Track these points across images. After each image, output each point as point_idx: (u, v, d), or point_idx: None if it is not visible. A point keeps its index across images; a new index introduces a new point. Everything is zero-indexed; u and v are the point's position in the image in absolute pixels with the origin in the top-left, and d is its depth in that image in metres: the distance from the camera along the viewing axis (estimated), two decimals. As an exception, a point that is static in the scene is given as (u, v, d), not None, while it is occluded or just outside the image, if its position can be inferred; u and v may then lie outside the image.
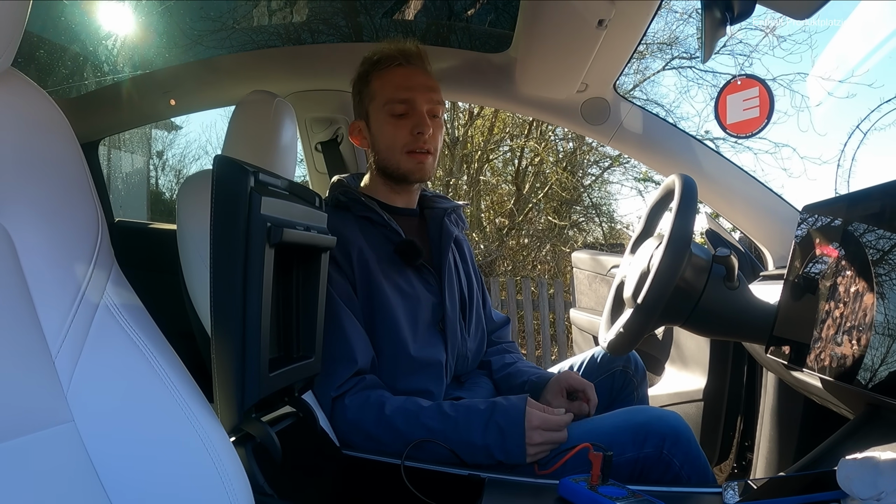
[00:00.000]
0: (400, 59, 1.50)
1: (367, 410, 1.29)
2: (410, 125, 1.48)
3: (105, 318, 0.80)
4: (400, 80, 1.50)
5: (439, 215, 1.62)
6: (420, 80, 1.51)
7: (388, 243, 1.47)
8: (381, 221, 1.47)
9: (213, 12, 2.16)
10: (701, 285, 1.37)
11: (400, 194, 1.57)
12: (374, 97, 1.52)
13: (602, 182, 8.89)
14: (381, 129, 1.51)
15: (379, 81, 1.51)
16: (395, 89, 1.49)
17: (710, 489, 1.05)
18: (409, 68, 1.51)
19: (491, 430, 1.23)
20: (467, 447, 1.23)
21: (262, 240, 0.95)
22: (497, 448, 1.22)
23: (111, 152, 7.95)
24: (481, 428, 1.24)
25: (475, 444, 1.23)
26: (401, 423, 1.26)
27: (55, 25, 2.30)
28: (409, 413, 1.28)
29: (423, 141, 1.48)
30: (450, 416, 1.27)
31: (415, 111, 1.49)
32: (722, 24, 1.18)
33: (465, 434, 1.24)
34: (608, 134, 2.11)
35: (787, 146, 8.95)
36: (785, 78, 8.32)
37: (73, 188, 0.81)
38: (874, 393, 0.96)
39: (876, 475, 0.78)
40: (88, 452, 0.77)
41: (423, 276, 1.50)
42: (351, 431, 1.29)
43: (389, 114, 1.49)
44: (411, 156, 1.49)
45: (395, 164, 1.51)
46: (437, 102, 1.52)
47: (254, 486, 0.88)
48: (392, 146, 1.50)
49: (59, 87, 2.58)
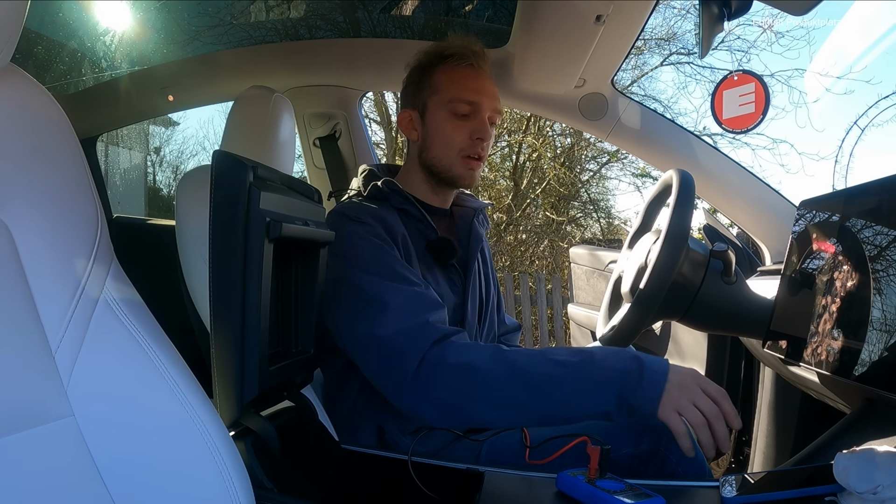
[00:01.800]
0: (472, 59, 1.47)
1: (478, 347, 1.21)
2: (471, 129, 1.45)
3: (105, 312, 0.80)
4: (469, 80, 1.47)
5: (469, 216, 1.60)
6: (487, 85, 1.49)
7: (422, 239, 1.44)
8: (418, 216, 1.44)
9: (211, 8, 2.16)
10: (698, 280, 1.37)
11: (438, 195, 1.54)
12: (438, 91, 1.48)
13: (600, 178, 8.92)
14: (439, 125, 1.47)
15: (445, 76, 1.47)
16: (463, 89, 1.46)
17: (708, 483, 1.05)
18: (479, 71, 1.48)
19: (630, 361, 1.12)
20: (598, 382, 1.10)
21: (261, 234, 0.95)
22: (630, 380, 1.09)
23: (109, 149, 7.94)
24: (618, 357, 1.13)
25: (610, 371, 1.10)
26: (521, 359, 1.16)
27: (53, 22, 2.30)
28: (531, 351, 1.19)
29: (482, 147, 1.46)
30: (582, 349, 1.19)
31: (478, 115, 1.46)
32: (719, 19, 1.18)
33: (599, 365, 1.12)
34: (606, 129, 2.11)
35: (784, 142, 8.99)
36: (783, 74, 8.37)
37: (72, 183, 0.81)
38: (871, 387, 0.96)
39: (873, 469, 0.78)
40: (88, 447, 0.77)
41: (450, 276, 1.48)
42: (451, 379, 1.16)
43: (452, 112, 1.46)
44: (465, 160, 1.46)
45: (446, 166, 1.47)
46: (498, 112, 1.50)
47: (253, 480, 0.88)
48: (448, 146, 1.46)
49: (57, 83, 2.58)
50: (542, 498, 1.00)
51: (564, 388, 1.12)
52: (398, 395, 1.21)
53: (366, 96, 2.61)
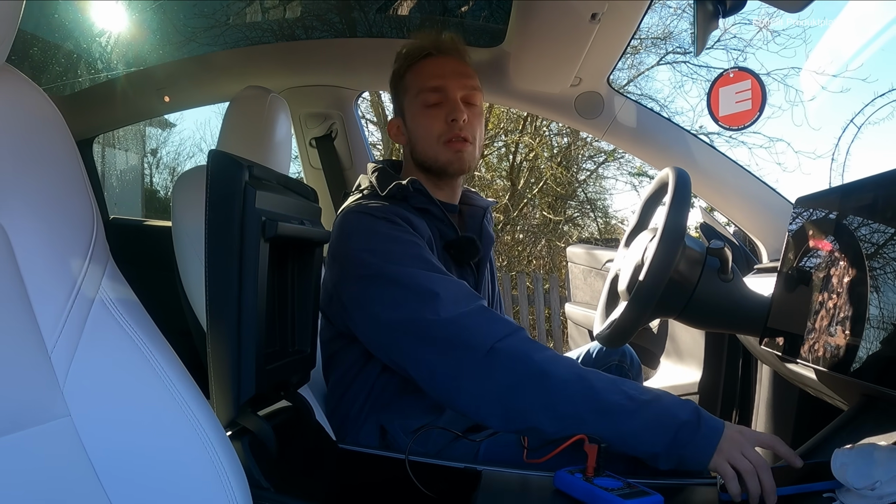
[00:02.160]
0: (430, 49, 1.48)
1: (553, 355, 1.14)
2: (444, 113, 1.44)
3: (101, 312, 0.80)
4: (431, 68, 1.47)
5: (479, 215, 1.58)
6: (451, 66, 1.47)
7: (440, 238, 1.43)
8: (439, 216, 1.43)
9: (207, 9, 2.16)
10: (695, 278, 1.37)
11: (442, 189, 1.52)
12: (408, 90, 1.49)
13: (597, 177, 8.93)
14: (415, 121, 1.48)
15: (411, 74, 1.49)
16: (427, 78, 1.46)
17: (706, 481, 1.06)
18: (441, 57, 1.48)
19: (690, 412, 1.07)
20: (657, 425, 1.07)
21: (257, 234, 0.95)
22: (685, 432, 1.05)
23: (105, 150, 7.92)
24: (681, 407, 1.08)
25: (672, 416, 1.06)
26: (595, 380, 1.11)
27: (48, 23, 2.30)
28: (603, 377, 1.12)
29: (459, 128, 1.44)
30: (649, 388, 1.13)
31: (448, 99, 1.45)
32: (714, 17, 1.19)
33: (662, 405, 1.08)
34: (602, 128, 2.12)
35: (781, 140, 8.98)
36: (779, 72, 8.36)
37: (68, 184, 0.81)
38: (868, 383, 0.96)
39: (871, 465, 0.79)
40: (85, 447, 0.77)
41: (464, 276, 1.47)
42: (519, 371, 1.11)
43: (423, 105, 1.46)
44: (448, 145, 1.45)
45: (432, 157, 1.46)
46: (473, 88, 1.48)
47: (250, 479, 0.88)
48: (427, 137, 1.46)
49: (53, 84, 2.58)
50: (540, 496, 1.00)
51: (628, 422, 1.07)
52: (455, 382, 1.14)
53: (362, 96, 2.61)
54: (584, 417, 1.07)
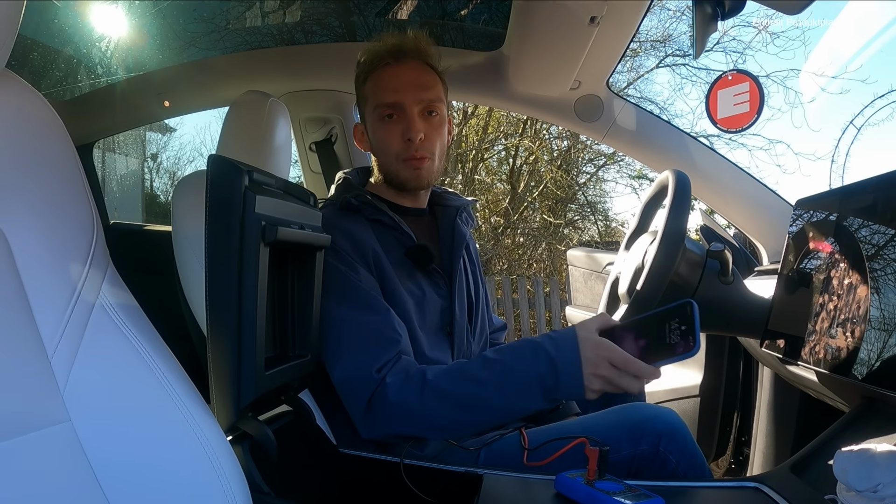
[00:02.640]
0: (388, 58, 1.41)
1: (410, 385, 1.22)
2: (401, 130, 1.40)
3: (101, 317, 0.80)
4: (387, 80, 1.41)
5: (451, 215, 1.55)
6: (408, 77, 1.41)
7: (400, 246, 1.41)
8: (392, 224, 1.41)
9: (207, 13, 2.16)
10: (695, 280, 1.37)
11: (406, 196, 1.50)
12: (367, 101, 1.45)
13: (597, 180, 8.93)
14: (375, 134, 1.45)
15: (370, 84, 1.44)
16: (383, 92, 1.41)
17: (708, 484, 1.05)
18: (399, 66, 1.42)
19: (541, 361, 1.17)
20: (520, 389, 1.17)
21: (257, 238, 0.95)
22: (549, 380, 1.15)
23: (106, 155, 7.93)
24: (531, 359, 1.18)
25: (527, 377, 1.16)
26: (447, 384, 1.20)
27: (48, 28, 2.30)
28: (452, 372, 1.22)
29: (416, 148, 1.40)
30: (494, 360, 1.21)
31: (403, 114, 1.40)
32: (713, 19, 1.19)
33: (516, 371, 1.18)
34: (602, 131, 2.12)
35: (781, 142, 9.02)
36: (778, 74, 8.37)
37: (68, 189, 0.81)
38: (869, 385, 0.96)
39: (872, 467, 0.78)
40: (85, 452, 0.77)
41: (434, 280, 1.45)
42: (395, 414, 1.22)
43: (379, 119, 1.42)
44: (406, 163, 1.42)
45: (393, 172, 1.44)
46: (431, 100, 1.42)
47: (251, 484, 0.88)
48: (386, 152, 1.43)
49: (53, 89, 2.58)
50: (541, 500, 1.00)
51: (493, 400, 1.19)
52: (359, 430, 1.26)
53: (362, 100, 2.60)
54: (458, 419, 1.20)
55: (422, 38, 1.44)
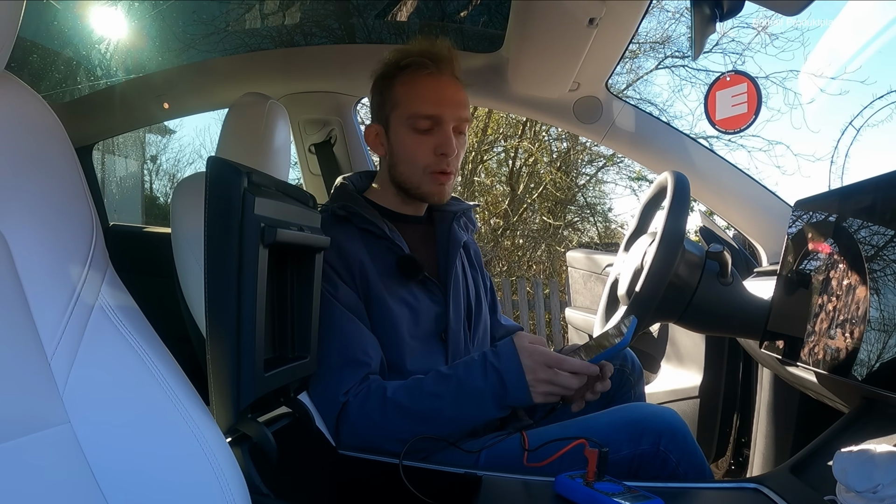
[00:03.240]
0: (430, 65, 1.38)
1: (370, 401, 1.24)
2: (434, 144, 1.38)
3: (100, 319, 0.80)
4: (427, 91, 1.38)
5: (448, 220, 1.53)
6: (450, 92, 1.39)
7: (391, 255, 1.40)
8: (382, 234, 1.39)
9: (206, 15, 2.16)
10: (695, 281, 1.37)
11: (410, 205, 1.49)
12: (397, 106, 1.40)
13: (596, 182, 8.93)
14: (401, 142, 1.41)
15: (404, 89, 1.40)
16: (422, 102, 1.38)
17: (708, 485, 1.05)
18: (440, 78, 1.39)
19: (490, 374, 1.22)
20: (474, 400, 1.22)
21: (256, 240, 0.95)
22: (498, 389, 1.21)
23: (105, 157, 7.93)
24: (481, 374, 1.23)
25: (480, 391, 1.22)
26: (405, 400, 1.23)
27: (48, 30, 2.30)
28: (410, 388, 1.25)
29: (447, 163, 1.40)
30: (449, 375, 1.25)
31: (441, 129, 1.38)
32: (712, 20, 1.19)
33: (468, 387, 1.22)
34: (601, 132, 2.12)
35: (780, 144, 9.05)
36: (777, 75, 8.37)
37: (67, 190, 0.81)
38: (869, 385, 0.96)
39: (872, 468, 0.78)
40: (84, 454, 0.77)
41: (428, 288, 1.44)
42: (358, 430, 1.24)
43: (412, 128, 1.38)
44: (433, 176, 1.40)
45: (414, 183, 1.42)
46: (465, 119, 1.41)
47: (250, 486, 0.87)
48: (413, 163, 1.40)
49: (53, 91, 2.58)
50: (541, 501, 1.00)
51: (449, 411, 1.23)
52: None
53: (361, 102, 2.61)
54: (420, 430, 1.22)
55: (454, 50, 1.42)
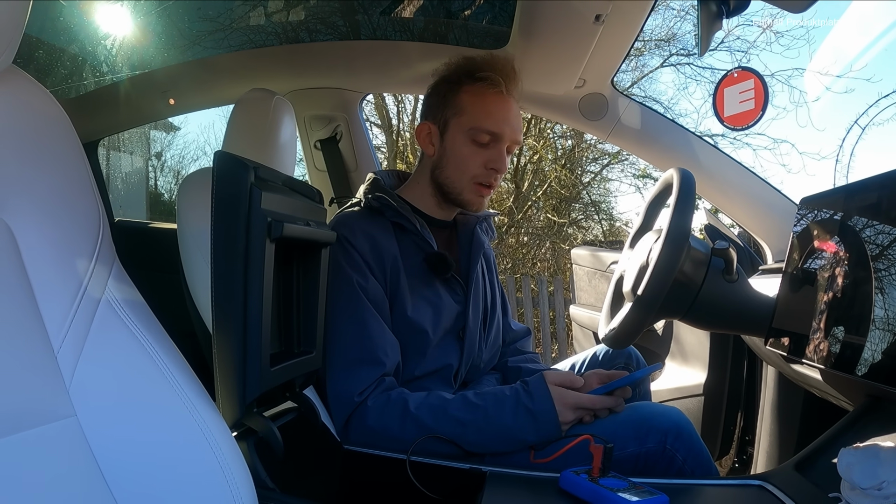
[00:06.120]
0: (502, 86, 1.43)
1: (391, 410, 1.26)
2: (487, 158, 1.44)
3: (107, 313, 0.80)
4: (495, 108, 1.44)
5: (471, 224, 1.59)
6: (514, 114, 1.46)
7: (419, 251, 1.44)
8: (413, 230, 1.43)
9: (212, 12, 2.16)
10: (700, 278, 1.37)
11: (443, 209, 1.54)
12: (462, 113, 1.45)
13: (601, 179, 8.91)
14: (457, 149, 1.45)
15: (471, 99, 1.45)
16: (488, 118, 1.43)
17: (713, 482, 1.05)
18: (508, 99, 1.45)
19: (521, 413, 1.24)
20: (499, 436, 1.23)
21: (263, 234, 0.95)
22: (530, 431, 1.23)
23: (110, 153, 7.94)
24: (511, 411, 1.24)
25: (509, 427, 1.23)
26: (428, 419, 1.24)
27: (54, 26, 2.30)
28: (434, 408, 1.26)
29: (495, 178, 1.45)
30: (477, 405, 1.26)
31: (497, 146, 1.44)
32: (718, 18, 1.19)
33: (496, 422, 1.24)
34: (606, 129, 2.12)
35: (785, 142, 9.02)
36: (783, 73, 8.37)
37: (74, 184, 0.81)
38: (873, 383, 0.96)
39: (876, 465, 0.78)
40: (91, 447, 0.77)
41: (451, 286, 1.48)
42: (373, 436, 1.26)
43: (471, 139, 1.44)
44: (477, 187, 1.46)
45: (457, 189, 1.47)
46: (518, 143, 1.48)
47: (256, 480, 0.88)
48: (462, 171, 1.45)
49: (58, 87, 2.58)
50: (545, 497, 1.00)
51: (471, 438, 1.24)
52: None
53: (366, 99, 2.61)
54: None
55: (520, 83, 1.49)
